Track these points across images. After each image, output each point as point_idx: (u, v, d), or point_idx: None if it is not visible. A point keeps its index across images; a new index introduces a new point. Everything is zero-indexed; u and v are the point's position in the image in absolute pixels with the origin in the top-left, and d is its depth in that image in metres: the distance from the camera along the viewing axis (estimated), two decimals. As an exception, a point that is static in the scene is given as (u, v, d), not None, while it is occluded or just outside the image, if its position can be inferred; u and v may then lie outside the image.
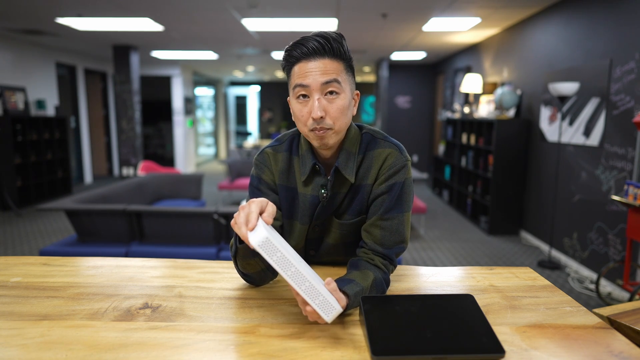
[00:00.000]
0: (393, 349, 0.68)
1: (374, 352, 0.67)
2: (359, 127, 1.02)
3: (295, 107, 0.92)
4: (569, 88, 3.43)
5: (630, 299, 2.66)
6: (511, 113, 4.81)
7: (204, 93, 12.39)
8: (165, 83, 9.76)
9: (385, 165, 0.96)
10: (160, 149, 11.21)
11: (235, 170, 5.98)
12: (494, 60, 5.62)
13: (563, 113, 3.87)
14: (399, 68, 8.68)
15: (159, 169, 5.95)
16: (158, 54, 7.55)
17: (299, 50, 0.89)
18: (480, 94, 5.87)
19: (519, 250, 4.17)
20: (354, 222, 1.00)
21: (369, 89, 12.44)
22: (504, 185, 4.65)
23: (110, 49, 6.92)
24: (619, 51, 3.16)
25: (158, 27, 5.28)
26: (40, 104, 6.44)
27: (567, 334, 0.76)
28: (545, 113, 4.21)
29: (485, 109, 5.43)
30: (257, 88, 13.43)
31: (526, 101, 4.64)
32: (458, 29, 5.34)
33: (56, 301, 0.87)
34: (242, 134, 14.04)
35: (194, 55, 7.70)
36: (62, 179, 6.72)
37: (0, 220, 5.15)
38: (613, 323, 0.88)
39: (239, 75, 11.39)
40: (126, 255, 2.79)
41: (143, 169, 5.70)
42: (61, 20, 4.90)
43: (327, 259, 1.10)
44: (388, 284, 0.94)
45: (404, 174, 0.96)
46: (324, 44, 0.87)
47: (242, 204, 0.76)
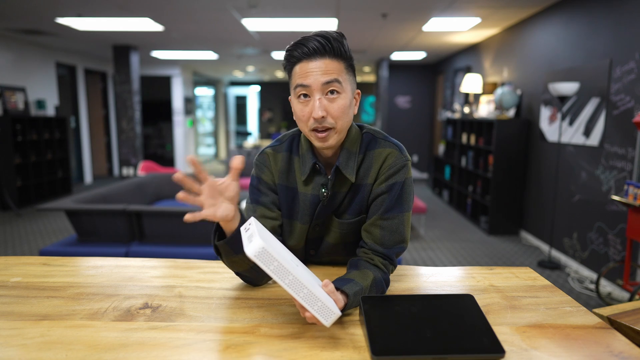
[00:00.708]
0: (393, 349, 0.68)
1: (374, 352, 0.67)
2: (360, 127, 1.02)
3: (296, 107, 0.92)
4: (569, 88, 3.43)
5: (630, 299, 2.66)
6: (511, 113, 4.81)
7: (204, 93, 12.39)
8: (165, 83, 9.76)
9: (385, 164, 0.96)
10: (160, 149, 11.20)
11: (235, 170, 5.97)
12: (494, 60, 5.62)
13: (563, 113, 3.87)
14: (399, 68, 8.68)
15: (159, 169, 5.95)
16: (158, 54, 7.55)
17: (300, 50, 0.89)
18: (480, 94, 5.87)
19: (519, 250, 4.17)
20: (354, 222, 1.00)
21: (369, 89, 12.44)
22: (504, 185, 4.65)
23: (110, 49, 6.92)
24: (619, 51, 3.16)
25: (158, 27, 5.28)
26: (40, 104, 6.44)
27: (567, 334, 0.76)
28: (545, 113, 4.21)
29: (485, 109, 5.43)
30: (257, 88, 13.43)
31: (526, 101, 4.64)
32: (458, 29, 5.34)
33: (56, 301, 0.87)
34: (242, 134, 14.04)
35: (194, 55, 7.70)
36: (62, 179, 6.72)
37: (0, 220, 5.15)
38: (613, 323, 0.88)
39: (239, 75, 11.39)
40: (126, 255, 2.79)
41: (143, 169, 5.70)
42: (61, 20, 4.90)
43: (327, 259, 1.10)
44: (388, 284, 0.93)
45: (404, 174, 0.96)
46: (324, 44, 0.87)
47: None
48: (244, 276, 0.93)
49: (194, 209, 2.80)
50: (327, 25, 5.11)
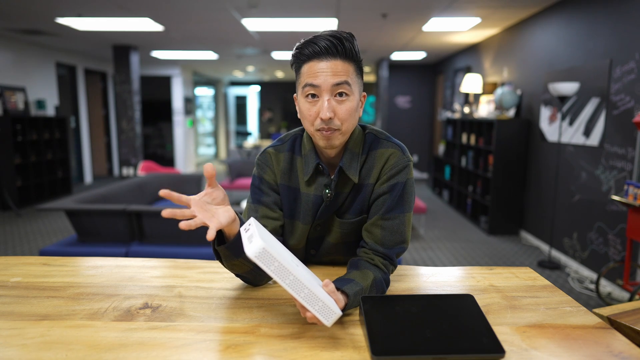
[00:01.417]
0: (393, 349, 0.68)
1: (374, 352, 0.67)
2: (362, 127, 1.02)
3: (303, 106, 0.91)
4: (569, 88, 3.43)
5: (630, 299, 2.66)
6: (511, 113, 4.81)
7: (204, 93, 12.39)
8: (165, 83, 9.76)
9: (387, 165, 0.96)
10: (160, 149, 11.20)
11: (235, 170, 5.98)
12: (494, 60, 5.62)
13: (563, 113, 3.87)
14: (399, 68, 8.68)
15: (159, 169, 5.95)
16: (158, 54, 7.55)
17: (311, 48, 0.88)
18: (480, 94, 5.87)
19: (519, 250, 4.17)
20: (355, 222, 1.00)
21: (369, 89, 12.44)
22: (504, 185, 4.65)
23: (110, 49, 6.92)
24: (619, 51, 3.16)
25: (158, 27, 5.28)
26: (40, 104, 6.44)
27: (567, 334, 0.76)
28: (545, 113, 4.21)
29: (485, 109, 5.43)
30: (257, 88, 13.43)
31: (526, 101, 4.64)
32: (458, 29, 5.34)
33: (56, 301, 0.87)
34: (242, 134, 14.04)
35: (194, 55, 7.70)
36: (62, 179, 6.72)
37: (0, 220, 5.15)
38: (613, 323, 0.88)
39: (239, 75, 11.39)
40: (126, 255, 2.79)
41: (143, 169, 5.70)
42: (61, 20, 4.90)
43: (327, 259, 1.10)
44: (388, 284, 0.93)
45: (405, 175, 0.96)
46: (336, 44, 0.87)
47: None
48: (244, 277, 0.93)
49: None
50: (327, 25, 5.11)
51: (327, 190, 0.98)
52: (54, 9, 4.44)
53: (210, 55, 7.58)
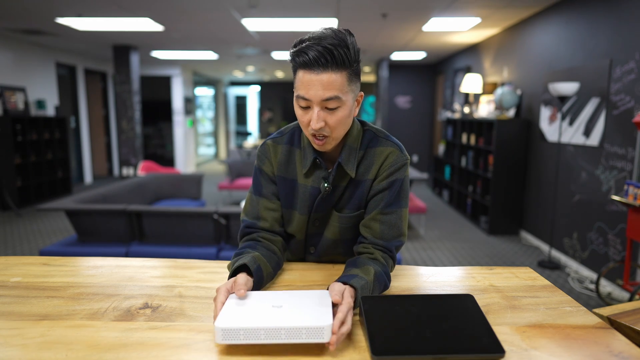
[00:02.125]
0: (393, 349, 0.68)
1: (374, 352, 0.67)
2: (362, 123, 1.04)
3: (297, 111, 0.93)
4: (569, 88, 3.43)
5: (630, 299, 2.66)
6: (511, 113, 4.81)
7: (204, 93, 12.39)
8: (165, 83, 9.76)
9: (386, 163, 0.99)
10: (160, 149, 11.20)
11: (235, 170, 5.98)
12: (494, 60, 5.62)
13: (563, 113, 3.87)
14: (399, 68, 8.68)
15: (159, 169, 5.95)
16: (158, 54, 7.55)
17: (301, 58, 0.86)
18: (480, 94, 5.87)
19: (519, 250, 4.17)
20: (354, 216, 1.02)
21: (369, 89, 12.44)
22: (504, 185, 4.65)
23: (110, 49, 6.92)
24: (619, 51, 3.16)
25: (158, 27, 5.28)
26: (40, 104, 6.44)
27: (567, 334, 0.76)
28: (545, 113, 4.21)
29: (485, 109, 5.43)
30: (257, 88, 13.43)
31: (526, 101, 4.64)
32: (458, 29, 5.34)
33: (56, 301, 0.87)
34: (242, 134, 14.04)
35: (194, 55, 7.70)
36: (62, 179, 6.72)
37: (0, 220, 5.15)
38: (613, 323, 0.88)
39: (239, 75, 11.39)
40: (126, 255, 2.79)
41: (143, 169, 5.70)
42: (61, 20, 4.90)
43: (326, 259, 1.11)
44: (389, 277, 0.95)
45: (403, 172, 0.99)
46: (326, 56, 0.84)
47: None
48: None
49: (194, 209, 2.80)
50: (327, 25, 5.10)
51: (326, 184, 0.99)
52: (54, 9, 4.44)
53: (210, 55, 7.58)
